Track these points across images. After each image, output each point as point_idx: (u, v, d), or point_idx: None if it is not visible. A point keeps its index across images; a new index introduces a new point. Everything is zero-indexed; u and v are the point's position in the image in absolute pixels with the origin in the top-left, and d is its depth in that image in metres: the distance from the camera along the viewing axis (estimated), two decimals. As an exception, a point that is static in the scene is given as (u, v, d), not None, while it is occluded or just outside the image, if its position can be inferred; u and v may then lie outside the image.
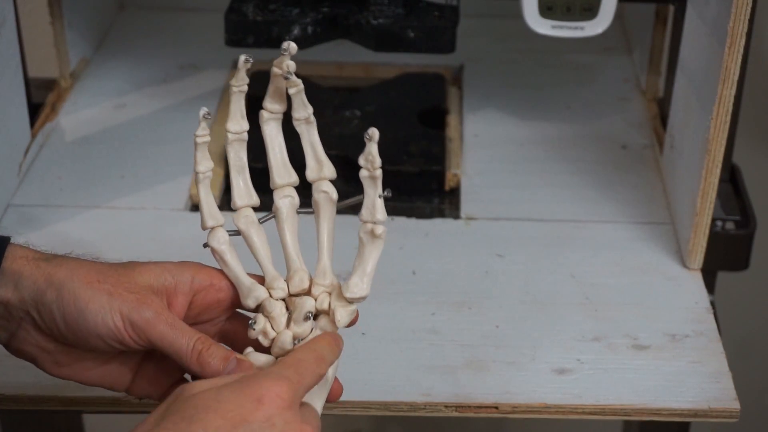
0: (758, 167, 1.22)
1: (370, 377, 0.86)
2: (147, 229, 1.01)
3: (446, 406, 0.84)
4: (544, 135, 1.15)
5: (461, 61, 1.25)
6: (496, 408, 0.84)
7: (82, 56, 1.24)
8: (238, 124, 0.75)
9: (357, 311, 0.74)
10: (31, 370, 0.85)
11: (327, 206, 0.75)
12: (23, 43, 1.07)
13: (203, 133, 0.74)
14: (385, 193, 0.73)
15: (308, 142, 0.75)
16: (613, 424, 1.18)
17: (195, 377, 0.71)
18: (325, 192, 0.75)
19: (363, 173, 0.73)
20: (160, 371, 0.74)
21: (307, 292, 0.74)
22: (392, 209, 1.04)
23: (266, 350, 0.72)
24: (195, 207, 1.04)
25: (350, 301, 0.73)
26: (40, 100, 1.15)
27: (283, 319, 0.73)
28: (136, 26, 1.33)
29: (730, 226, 1.00)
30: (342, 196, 1.05)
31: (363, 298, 0.73)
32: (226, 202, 1.03)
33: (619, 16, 1.25)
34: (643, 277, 0.96)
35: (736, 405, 0.84)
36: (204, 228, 0.74)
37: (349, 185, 1.06)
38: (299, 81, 0.74)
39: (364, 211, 0.73)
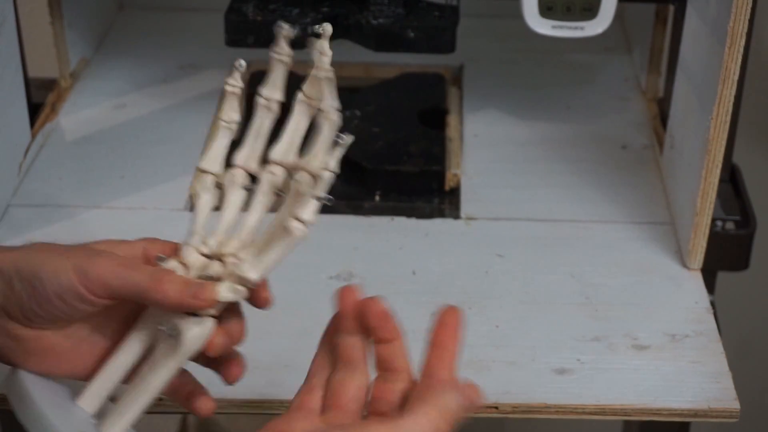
0: (758, 167, 1.22)
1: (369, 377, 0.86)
2: (147, 229, 1.00)
3: (446, 406, 0.84)
4: (544, 135, 1.15)
5: (461, 61, 1.25)
6: (496, 408, 0.84)
7: (82, 56, 1.24)
8: (272, 91, 0.73)
9: (258, 292, 0.70)
10: (31, 370, 0.85)
11: (266, 187, 0.72)
12: (23, 43, 1.07)
13: (234, 83, 0.73)
14: (326, 199, 0.68)
15: (294, 127, 0.73)
16: (613, 424, 1.18)
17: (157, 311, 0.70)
18: (272, 173, 0.72)
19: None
20: None
21: (221, 256, 0.71)
22: (392, 209, 1.04)
23: None
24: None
25: (239, 282, 0.69)
26: (40, 100, 1.15)
27: (193, 272, 0.70)
28: (136, 26, 1.33)
29: (730, 226, 1.00)
30: (343, 196, 1.05)
31: (250, 282, 0.69)
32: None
33: (619, 16, 1.24)
34: (643, 277, 0.96)
35: (736, 405, 0.84)
36: (198, 168, 0.73)
37: (349, 185, 1.06)
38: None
39: (291, 202, 0.69)
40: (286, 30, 0.73)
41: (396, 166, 1.06)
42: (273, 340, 0.88)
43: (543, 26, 0.99)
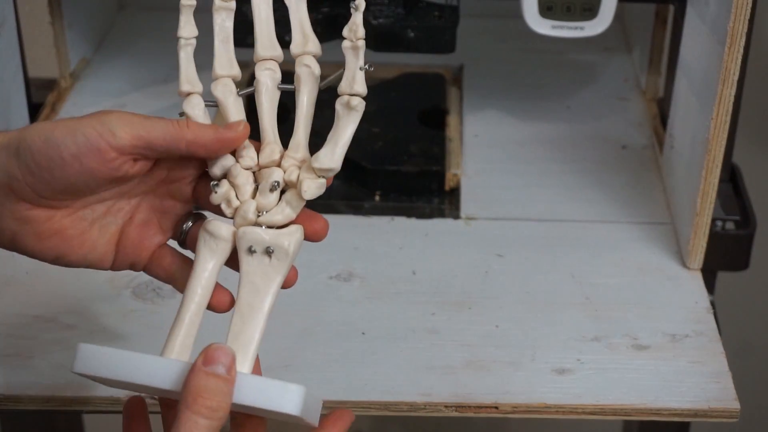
0: (758, 167, 1.22)
1: (370, 377, 0.86)
2: (147, 229, 1.01)
3: (446, 406, 0.84)
4: (544, 135, 1.15)
5: (461, 61, 1.25)
6: (496, 408, 0.84)
7: (82, 56, 1.24)
8: None
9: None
10: (31, 370, 0.85)
11: (308, 81, 0.72)
12: (23, 43, 1.07)
13: None
14: (367, 66, 0.70)
15: (296, 17, 0.74)
16: (613, 424, 1.18)
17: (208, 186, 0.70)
18: (308, 66, 0.73)
19: (345, 44, 0.71)
20: (143, 233, 0.72)
21: (278, 165, 0.71)
22: (392, 209, 1.04)
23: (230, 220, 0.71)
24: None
25: (318, 174, 0.70)
26: (40, 100, 1.15)
27: (249, 189, 0.70)
28: (136, 26, 1.33)
29: (730, 226, 1.00)
30: (343, 196, 1.05)
31: (331, 170, 0.69)
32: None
33: (619, 16, 1.25)
34: (643, 277, 0.96)
35: (736, 405, 0.84)
36: (180, 93, 0.72)
37: (349, 185, 1.06)
38: None
39: (344, 83, 0.70)
40: None
41: (396, 166, 1.06)
42: (273, 340, 0.87)
43: (543, 26, 1.00)
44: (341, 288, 0.94)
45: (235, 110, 0.72)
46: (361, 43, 0.71)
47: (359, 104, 0.70)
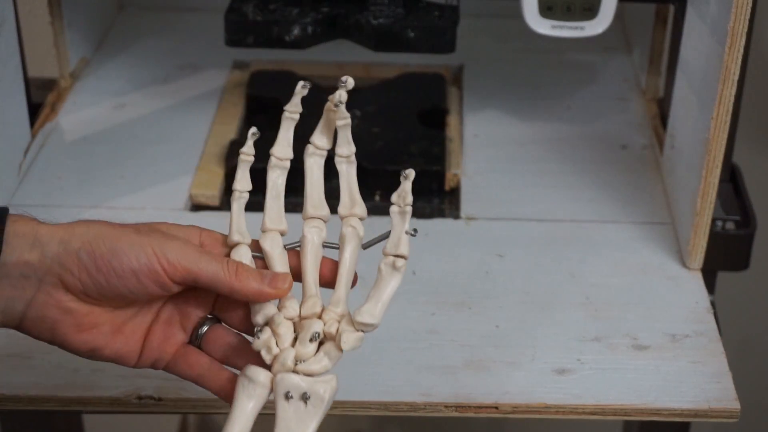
0: (758, 167, 1.22)
1: (370, 377, 0.86)
2: (147, 229, 1.00)
3: (446, 406, 0.84)
4: (544, 135, 1.15)
5: (461, 61, 1.25)
6: (496, 408, 0.84)
7: (82, 56, 1.24)
8: (283, 150, 0.76)
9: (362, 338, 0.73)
10: (31, 370, 0.85)
11: (352, 240, 0.75)
12: (23, 43, 1.07)
13: (248, 152, 0.75)
14: (413, 231, 0.73)
15: (346, 181, 0.76)
16: (613, 424, 1.18)
17: (231, 301, 0.73)
18: (353, 227, 0.75)
19: (393, 209, 0.74)
20: (167, 332, 0.74)
21: (318, 317, 0.73)
22: (392, 209, 1.04)
23: (267, 367, 0.72)
24: (195, 207, 1.04)
25: (358, 328, 0.72)
26: (40, 100, 1.15)
27: (289, 338, 0.72)
28: (136, 26, 1.33)
29: (730, 226, 1.00)
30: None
31: (372, 326, 0.72)
32: (225, 202, 1.03)
33: (619, 16, 1.25)
34: (643, 277, 0.96)
35: (736, 405, 0.84)
36: (229, 243, 0.74)
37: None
38: (347, 114, 0.75)
39: (389, 245, 0.73)
40: (300, 86, 0.75)
41: (396, 166, 1.06)
42: (273, 340, 0.88)
43: (543, 26, 1.00)
44: (341, 288, 0.94)
45: (281, 263, 0.74)
46: (409, 209, 0.74)
47: (403, 266, 0.73)
